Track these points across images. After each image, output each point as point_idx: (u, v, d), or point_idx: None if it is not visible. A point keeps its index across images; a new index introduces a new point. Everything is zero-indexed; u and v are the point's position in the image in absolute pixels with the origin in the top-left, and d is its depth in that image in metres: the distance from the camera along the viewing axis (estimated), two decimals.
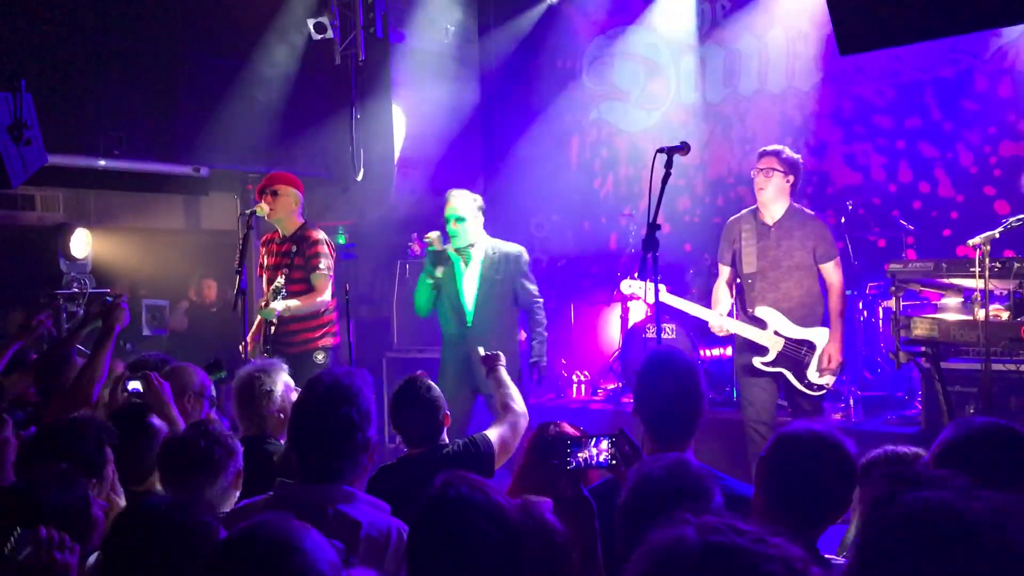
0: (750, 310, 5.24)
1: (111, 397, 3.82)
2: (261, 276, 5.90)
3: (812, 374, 5.12)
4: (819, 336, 5.14)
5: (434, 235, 5.50)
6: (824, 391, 5.21)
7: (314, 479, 2.33)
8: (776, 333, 5.16)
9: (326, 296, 5.59)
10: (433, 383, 3.51)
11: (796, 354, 5.14)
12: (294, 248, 5.61)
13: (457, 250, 5.55)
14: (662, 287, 5.17)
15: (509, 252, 5.63)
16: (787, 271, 5.17)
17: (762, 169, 5.15)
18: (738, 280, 5.37)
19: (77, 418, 3.02)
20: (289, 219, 5.70)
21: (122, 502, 2.90)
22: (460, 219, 5.47)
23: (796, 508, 2.23)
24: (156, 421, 3.27)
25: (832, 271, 5.20)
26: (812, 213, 5.35)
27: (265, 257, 5.85)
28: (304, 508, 2.29)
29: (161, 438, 3.12)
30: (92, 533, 2.31)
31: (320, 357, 5.55)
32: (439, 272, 5.50)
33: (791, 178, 5.14)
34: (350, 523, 2.25)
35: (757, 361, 5.18)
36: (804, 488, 2.24)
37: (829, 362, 5.09)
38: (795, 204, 5.27)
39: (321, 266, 5.56)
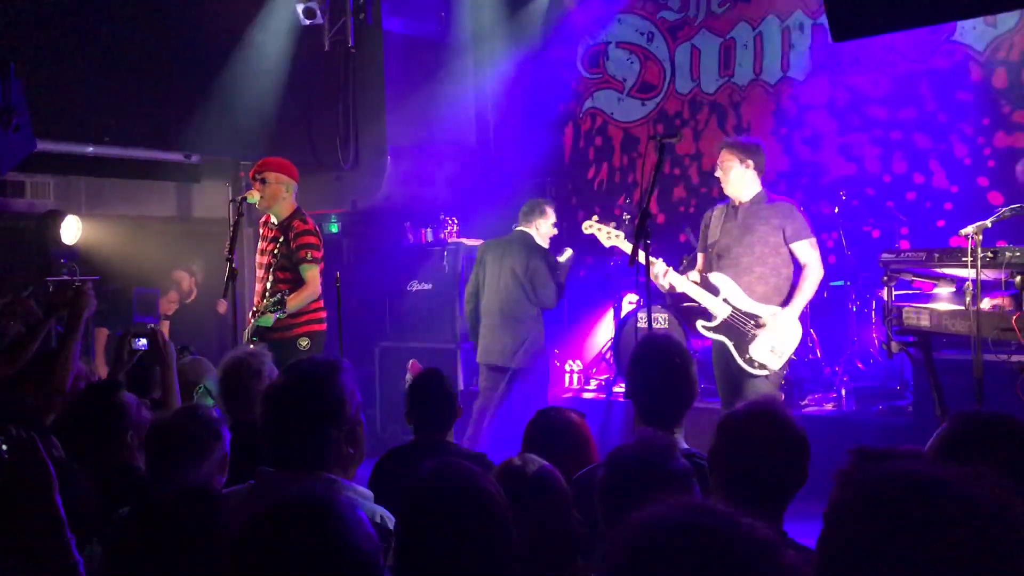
0: (706, 275, 5.26)
1: (116, 357, 3.81)
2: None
3: (755, 350, 5.03)
4: (771, 313, 5.05)
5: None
6: (765, 372, 5.04)
7: (293, 467, 2.31)
8: (725, 301, 5.11)
9: (317, 287, 5.50)
10: (447, 376, 3.54)
11: (741, 326, 5.07)
12: (281, 238, 5.51)
13: None
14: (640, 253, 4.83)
15: None
16: (748, 247, 5.14)
17: (718, 164, 5.20)
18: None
19: None
20: (280, 206, 5.58)
21: None
22: None
23: (749, 486, 2.25)
24: (128, 398, 3.26)
25: (806, 251, 5.12)
26: (783, 197, 5.36)
27: (259, 241, 5.77)
28: (284, 495, 2.27)
29: (128, 412, 3.13)
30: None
31: (304, 343, 5.42)
32: None
33: (749, 162, 5.14)
34: None
35: (700, 324, 5.18)
36: (751, 463, 2.28)
37: (773, 333, 5.01)
38: (765, 189, 5.26)
39: (308, 258, 5.44)
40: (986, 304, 4.40)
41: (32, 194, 7.94)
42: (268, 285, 5.41)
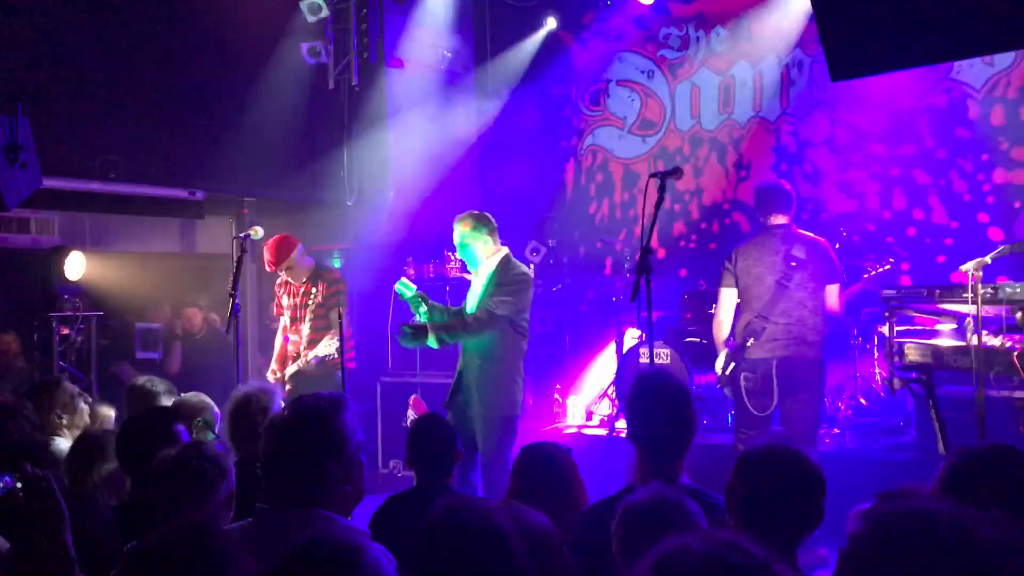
0: None
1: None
2: (280, 315, 6.33)
3: None
4: None
5: (400, 283, 5.38)
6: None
7: (288, 503, 2.29)
8: None
9: (346, 328, 5.90)
10: (447, 421, 3.53)
11: None
12: (313, 289, 6.10)
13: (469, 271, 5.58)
14: None
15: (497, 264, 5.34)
16: None
17: None
18: None
19: None
20: (302, 271, 6.14)
21: None
22: (461, 245, 5.37)
23: (767, 525, 2.25)
24: (179, 428, 3.27)
25: None
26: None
27: (284, 297, 6.24)
28: (282, 533, 2.26)
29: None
30: None
31: (340, 377, 5.65)
32: (422, 311, 5.33)
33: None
34: None
35: None
36: (770, 504, 2.28)
37: None
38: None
39: (341, 303, 6.05)
40: (997, 340, 4.40)
41: (37, 230, 7.98)
42: (306, 332, 6.02)
